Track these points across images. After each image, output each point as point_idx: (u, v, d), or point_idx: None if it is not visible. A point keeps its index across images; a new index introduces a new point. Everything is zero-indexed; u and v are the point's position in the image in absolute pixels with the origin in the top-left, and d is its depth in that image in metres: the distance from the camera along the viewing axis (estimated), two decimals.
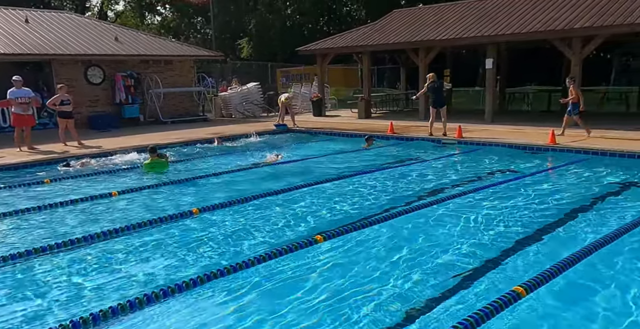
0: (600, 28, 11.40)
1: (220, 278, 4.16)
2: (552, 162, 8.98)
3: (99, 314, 3.51)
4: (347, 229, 5.26)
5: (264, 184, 7.85)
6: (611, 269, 4.23)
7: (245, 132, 13.52)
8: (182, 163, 9.89)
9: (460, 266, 4.38)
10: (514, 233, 5.21)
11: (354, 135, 12.74)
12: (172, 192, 7.46)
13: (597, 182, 7.35)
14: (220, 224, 5.83)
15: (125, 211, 6.49)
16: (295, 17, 35.07)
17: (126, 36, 17.51)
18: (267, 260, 4.50)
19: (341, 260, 4.60)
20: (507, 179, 7.62)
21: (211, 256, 4.85)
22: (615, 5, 12.04)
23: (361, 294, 3.87)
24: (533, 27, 12.65)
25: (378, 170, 8.61)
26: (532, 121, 13.75)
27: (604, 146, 9.21)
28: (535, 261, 4.44)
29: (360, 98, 17.03)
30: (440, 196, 6.65)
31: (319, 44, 18.08)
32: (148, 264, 4.66)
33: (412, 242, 5.03)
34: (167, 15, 44.79)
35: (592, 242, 4.63)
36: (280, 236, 5.37)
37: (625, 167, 8.17)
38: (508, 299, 3.45)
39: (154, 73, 16.88)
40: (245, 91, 19.11)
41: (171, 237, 5.35)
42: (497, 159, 9.37)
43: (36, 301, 3.94)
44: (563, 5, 13.31)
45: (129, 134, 13.49)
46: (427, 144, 11.20)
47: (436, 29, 14.99)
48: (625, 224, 5.18)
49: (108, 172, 9.02)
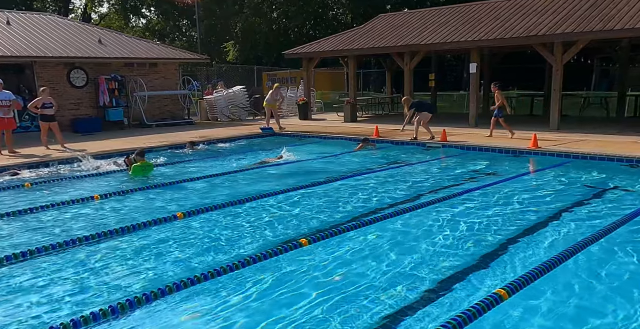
0: (580, 34, 11.62)
1: (203, 282, 4.13)
2: (535, 166, 9.10)
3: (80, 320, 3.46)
4: (332, 233, 5.27)
5: (246, 188, 7.83)
6: (591, 272, 4.30)
7: (229, 136, 13.48)
8: (162, 167, 9.81)
9: (443, 269, 4.41)
10: (496, 236, 5.26)
11: (340, 139, 12.79)
12: (159, 197, 7.40)
13: (579, 186, 7.47)
14: (204, 228, 5.79)
15: (105, 217, 6.42)
16: (282, 21, 35.15)
17: (110, 39, 17.35)
18: (251, 264, 4.48)
19: (325, 264, 4.60)
20: (491, 182, 7.71)
21: (193, 260, 4.81)
22: (595, 12, 12.30)
23: (346, 298, 3.87)
24: (516, 32, 12.85)
25: (362, 174, 8.64)
26: (515, 125, 13.90)
27: (586, 150, 9.37)
28: (517, 263, 4.50)
29: (346, 102, 17.10)
30: (423, 200, 6.69)
31: (305, 48, 18.13)
32: (129, 269, 4.61)
33: (397, 246, 5.05)
34: (152, 18, 44.54)
35: (573, 246, 4.69)
36: (264, 240, 5.36)
37: (605, 170, 8.32)
38: (490, 302, 3.49)
39: (138, 76, 16.74)
40: (231, 94, 19.05)
41: (157, 242, 5.30)
42: (481, 162, 9.48)
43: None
44: (545, 11, 13.55)
45: (113, 138, 13.35)
46: (412, 148, 11.28)
47: (421, 34, 15.14)
48: (605, 227, 5.27)
49: (90, 176, 8.92)
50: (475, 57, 13.89)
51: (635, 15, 11.30)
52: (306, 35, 34.64)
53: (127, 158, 9.05)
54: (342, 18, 37.61)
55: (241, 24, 35.40)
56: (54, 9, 43.29)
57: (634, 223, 5.48)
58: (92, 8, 43.29)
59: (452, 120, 15.02)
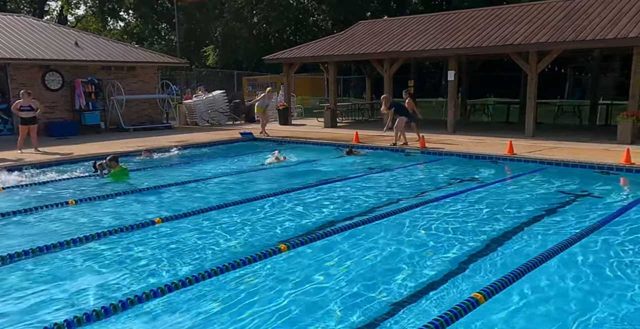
0: (554, 43, 11.94)
1: (181, 288, 4.08)
2: (511, 172, 9.28)
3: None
4: (311, 238, 5.27)
5: (225, 194, 7.78)
6: (563, 276, 4.40)
7: (208, 141, 13.38)
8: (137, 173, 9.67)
9: (420, 274, 4.45)
10: (472, 241, 5.34)
11: (320, 144, 12.82)
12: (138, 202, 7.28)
13: (553, 192, 7.64)
14: (183, 233, 5.72)
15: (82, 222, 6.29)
16: (262, 25, 35.13)
17: (87, 41, 17.08)
18: (229, 270, 4.45)
19: (305, 269, 4.60)
20: (468, 188, 7.83)
21: (172, 266, 4.75)
22: (568, 22, 12.65)
23: (323, 301, 3.88)
24: (492, 41, 13.12)
25: (341, 180, 8.67)
26: (491, 131, 14.20)
27: (559, 157, 9.60)
28: (494, 267, 4.57)
29: (326, 107, 17.16)
30: (400, 206, 6.75)
31: (286, 53, 18.15)
32: (109, 275, 4.52)
33: (375, 250, 5.08)
34: (130, 21, 43.98)
35: (547, 250, 4.80)
36: (244, 245, 5.32)
37: (578, 177, 8.54)
38: (467, 306, 3.53)
39: (116, 79, 16.50)
40: (211, 98, 18.93)
41: (134, 248, 5.22)
42: (459, 168, 9.61)
43: None
44: (520, 21, 13.88)
45: (89, 142, 13.11)
46: (391, 154, 11.37)
47: (400, 41, 15.32)
48: (578, 232, 5.40)
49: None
50: (453, 65, 14.12)
51: (606, 26, 11.67)
52: (286, 40, 34.71)
53: (96, 163, 8.84)
54: (323, 24, 37.81)
55: (221, 28, 35.26)
56: (29, 10, 42.41)
57: (604, 228, 5.63)
58: (68, 10, 42.50)
59: (431, 126, 15.20)
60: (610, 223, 5.79)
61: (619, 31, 11.23)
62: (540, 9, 14.38)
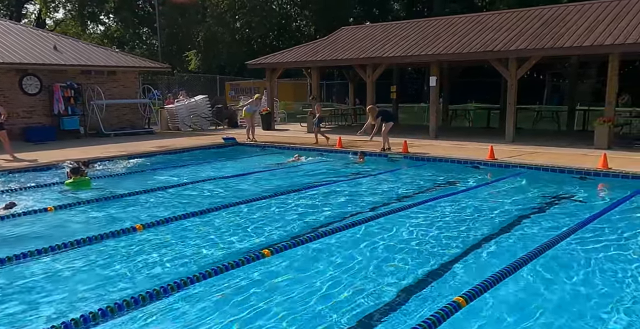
0: (533, 50, 12.17)
1: (163, 295, 4.02)
2: (492, 177, 9.39)
3: None
4: (294, 243, 5.25)
5: (208, 198, 7.72)
6: (542, 278, 4.46)
7: (190, 146, 13.27)
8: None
9: (402, 278, 4.46)
10: (453, 244, 5.38)
11: (303, 149, 12.81)
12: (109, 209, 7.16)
13: (533, 196, 7.75)
14: (164, 239, 5.64)
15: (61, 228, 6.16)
16: (245, 30, 35.08)
17: (66, 45, 16.81)
18: (212, 275, 4.40)
19: (287, 274, 4.57)
20: (450, 192, 7.90)
21: (154, 272, 4.67)
22: (546, 30, 12.91)
23: (305, 308, 3.85)
24: (473, 47, 13.31)
25: (323, 185, 8.66)
26: (473, 136, 14.37)
27: (539, 162, 9.75)
28: (475, 270, 4.61)
29: (309, 112, 17.17)
30: (384, 210, 6.78)
31: (269, 58, 18.14)
32: (90, 280, 4.43)
33: (358, 255, 5.08)
34: (110, 25, 43.50)
35: (526, 253, 4.86)
36: (227, 250, 5.27)
37: (557, 181, 8.68)
38: (449, 310, 3.55)
39: (96, 84, 16.27)
40: (193, 103, 18.79)
41: (115, 254, 5.13)
42: (441, 173, 9.70)
43: None
44: (500, 28, 14.12)
45: (68, 147, 12.88)
46: (374, 159, 11.40)
47: (383, 47, 15.44)
48: (556, 236, 5.49)
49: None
50: (435, 71, 14.28)
51: (583, 34, 11.94)
52: (269, 45, 34.71)
53: (68, 171, 8.64)
54: (305, 29, 37.94)
55: (203, 33, 35.10)
56: (5, 13, 41.68)
57: (582, 231, 5.73)
58: (46, 13, 41.84)
59: (413, 131, 15.33)
60: (587, 227, 5.89)
61: (595, 39, 11.50)
62: (519, 16, 14.65)
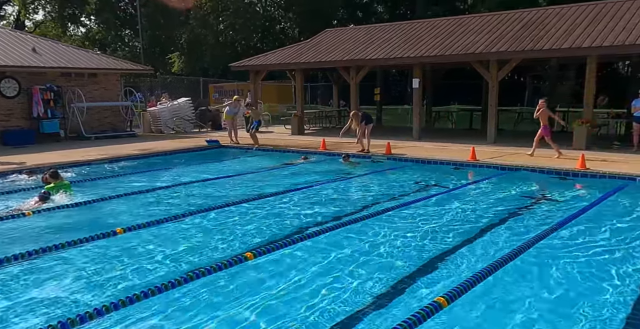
0: (513, 53, 12.35)
1: (144, 298, 3.97)
2: (473, 177, 9.50)
3: None
4: (277, 246, 5.24)
5: (192, 200, 7.66)
6: (524, 277, 4.52)
7: (173, 149, 13.15)
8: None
9: (385, 279, 4.48)
10: (436, 245, 5.42)
11: (287, 151, 12.80)
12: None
13: (514, 196, 7.86)
14: (145, 243, 5.58)
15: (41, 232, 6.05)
16: (228, 33, 34.94)
17: (45, 47, 16.55)
18: (194, 279, 4.36)
19: (270, 277, 4.55)
20: (432, 194, 7.97)
21: (136, 277, 4.62)
22: (525, 32, 13.12)
23: (290, 309, 3.85)
24: (455, 50, 13.46)
25: (306, 187, 8.65)
26: (455, 138, 14.52)
27: (519, 163, 9.89)
28: (457, 271, 4.65)
29: (294, 114, 17.17)
30: (368, 212, 6.80)
31: (252, 61, 18.10)
32: (71, 285, 4.36)
33: (342, 256, 5.09)
34: (92, 27, 42.95)
35: (506, 254, 4.93)
36: (210, 254, 5.24)
37: (537, 182, 8.82)
38: (430, 310, 3.57)
39: (76, 86, 16.04)
40: (176, 106, 18.63)
41: (94, 258, 5.05)
42: (424, 174, 9.77)
43: None
44: (481, 31, 14.30)
45: (47, 151, 12.66)
46: (358, 161, 11.44)
47: (366, 49, 15.52)
48: (536, 235, 5.57)
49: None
50: (418, 73, 14.40)
51: (561, 37, 12.16)
52: (253, 47, 34.61)
53: (44, 176, 8.42)
54: (289, 32, 37.95)
55: (186, 35, 34.87)
56: None
57: (561, 230, 5.82)
58: (25, 15, 41.13)
59: (396, 133, 15.42)
60: (566, 226, 5.99)
61: (573, 41, 11.72)
62: (500, 19, 14.87)
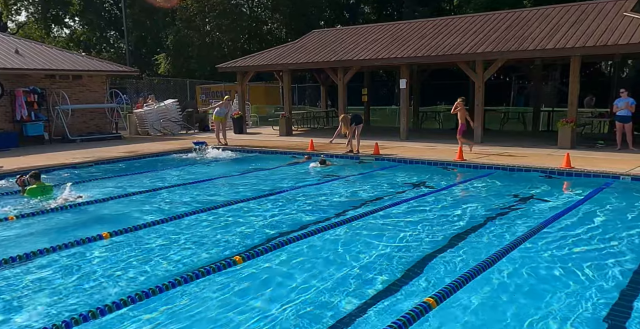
0: (498, 53, 12.46)
1: (133, 303, 3.93)
2: (461, 177, 9.56)
3: None
4: (266, 249, 5.21)
5: (167, 206, 7.60)
6: (512, 277, 4.56)
7: (159, 151, 13.04)
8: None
9: (372, 280, 4.48)
10: (424, 245, 5.44)
11: (275, 152, 12.77)
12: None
13: (501, 195, 7.91)
14: (132, 247, 5.52)
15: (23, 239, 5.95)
16: (215, 34, 34.77)
17: (28, 49, 16.31)
18: (182, 284, 4.32)
19: (257, 280, 4.53)
20: (421, 194, 8.00)
21: (124, 280, 4.56)
22: (510, 33, 13.26)
23: (277, 311, 3.83)
24: (441, 50, 13.54)
25: (294, 188, 8.64)
26: (442, 138, 14.61)
27: (507, 162, 9.98)
28: (445, 271, 4.67)
29: (282, 116, 17.14)
30: (356, 212, 6.80)
31: (239, 62, 18.03)
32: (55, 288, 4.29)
33: (331, 257, 5.08)
34: (76, 28, 42.47)
35: (496, 252, 4.96)
36: (197, 257, 5.19)
37: (524, 181, 8.89)
38: (420, 311, 3.58)
39: (61, 88, 15.83)
40: (163, 107, 18.48)
41: (84, 262, 4.98)
42: (412, 174, 9.81)
43: None
44: (467, 31, 14.41)
45: (32, 154, 12.47)
46: (346, 161, 11.46)
47: (353, 50, 15.56)
48: (522, 234, 5.62)
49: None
50: (405, 73, 14.46)
51: (545, 37, 12.31)
52: (240, 48, 34.49)
53: (19, 178, 8.31)
54: (277, 33, 37.89)
55: (173, 36, 34.62)
56: None
57: (549, 228, 5.89)
58: (7, 16, 40.52)
59: (384, 133, 15.47)
60: (554, 223, 6.06)
61: (557, 41, 11.87)
62: (485, 20, 15.00)
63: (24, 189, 8.02)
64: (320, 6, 35.89)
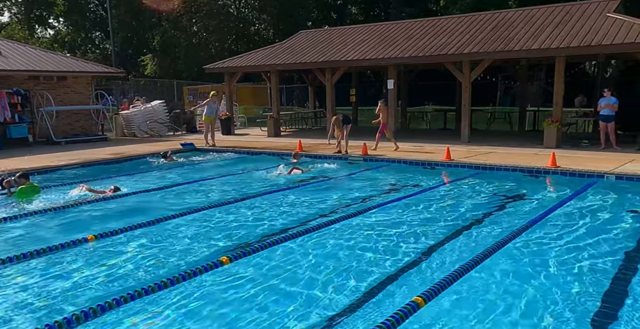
0: (485, 54, 12.57)
1: (119, 306, 3.88)
2: (449, 177, 9.61)
3: None
4: (254, 249, 5.19)
5: (154, 209, 7.54)
6: (501, 274, 4.59)
7: (145, 153, 12.92)
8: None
9: (361, 280, 4.48)
10: (413, 244, 5.45)
11: (263, 153, 12.73)
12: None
13: (488, 195, 7.97)
14: (118, 250, 5.45)
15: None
16: (202, 34, 34.60)
17: (11, 50, 16.06)
18: (168, 286, 4.28)
19: (245, 282, 4.51)
20: (408, 194, 8.02)
21: (111, 283, 4.51)
22: (496, 34, 13.38)
23: (271, 311, 3.81)
24: (428, 51, 13.62)
25: (281, 190, 8.61)
26: (430, 138, 14.69)
27: (493, 162, 10.06)
28: (433, 270, 4.68)
29: (270, 116, 17.10)
30: (345, 213, 6.80)
31: (227, 63, 17.95)
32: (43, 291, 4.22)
33: (318, 259, 5.07)
34: (61, 29, 41.95)
35: (484, 250, 5.00)
36: (186, 258, 5.15)
37: (511, 180, 8.97)
38: (408, 310, 3.58)
39: (45, 90, 15.62)
40: (150, 109, 18.32)
41: (67, 264, 4.91)
42: (399, 174, 9.84)
43: None
44: (453, 32, 14.51)
45: (15, 156, 12.27)
46: (334, 162, 11.45)
47: (341, 50, 15.57)
48: (510, 233, 5.66)
49: None
50: (393, 74, 14.51)
51: (531, 38, 12.44)
52: (227, 49, 34.34)
53: (5, 180, 8.16)
54: (264, 33, 37.81)
55: (159, 37, 34.37)
56: None
57: (536, 226, 5.94)
58: None
59: (372, 133, 15.47)
60: (540, 222, 6.12)
61: (542, 42, 12.00)
62: (471, 20, 15.12)
63: (10, 191, 7.90)
64: (308, 7, 35.89)
